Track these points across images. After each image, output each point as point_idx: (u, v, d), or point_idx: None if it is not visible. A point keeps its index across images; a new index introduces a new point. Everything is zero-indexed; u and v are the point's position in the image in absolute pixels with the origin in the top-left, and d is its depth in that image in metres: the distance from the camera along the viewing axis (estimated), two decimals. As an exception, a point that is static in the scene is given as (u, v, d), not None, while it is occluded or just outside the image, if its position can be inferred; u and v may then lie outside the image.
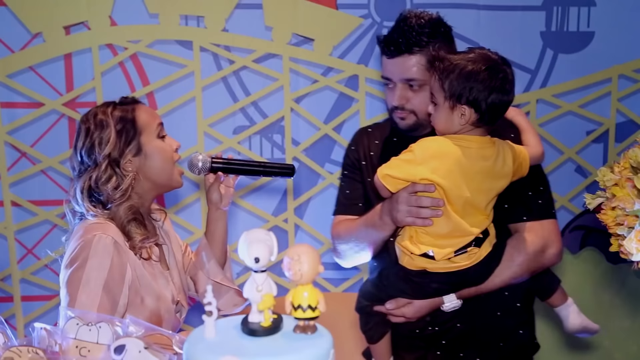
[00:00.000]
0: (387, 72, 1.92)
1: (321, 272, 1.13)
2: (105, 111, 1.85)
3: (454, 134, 1.75)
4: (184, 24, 2.78)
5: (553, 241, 1.92)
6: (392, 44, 1.87)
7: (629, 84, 3.01)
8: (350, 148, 2.12)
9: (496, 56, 1.75)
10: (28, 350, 1.26)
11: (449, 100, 1.72)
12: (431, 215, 1.73)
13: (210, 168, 1.94)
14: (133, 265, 1.79)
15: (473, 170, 1.72)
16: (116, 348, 1.26)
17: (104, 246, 1.74)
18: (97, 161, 1.81)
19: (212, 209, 2.02)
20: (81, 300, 1.69)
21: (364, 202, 2.04)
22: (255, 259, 1.11)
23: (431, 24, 1.89)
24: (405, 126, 1.94)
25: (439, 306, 1.87)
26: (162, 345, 1.30)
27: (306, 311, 1.11)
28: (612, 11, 2.94)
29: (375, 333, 1.92)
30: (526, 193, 1.91)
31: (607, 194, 1.36)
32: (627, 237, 1.31)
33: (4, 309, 2.78)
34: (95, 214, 1.81)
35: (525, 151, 1.83)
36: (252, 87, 2.87)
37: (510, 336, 1.97)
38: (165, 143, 1.90)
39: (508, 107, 1.77)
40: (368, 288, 1.92)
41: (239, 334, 1.13)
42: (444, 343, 1.94)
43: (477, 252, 1.78)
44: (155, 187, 1.91)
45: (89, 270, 1.71)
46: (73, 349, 1.31)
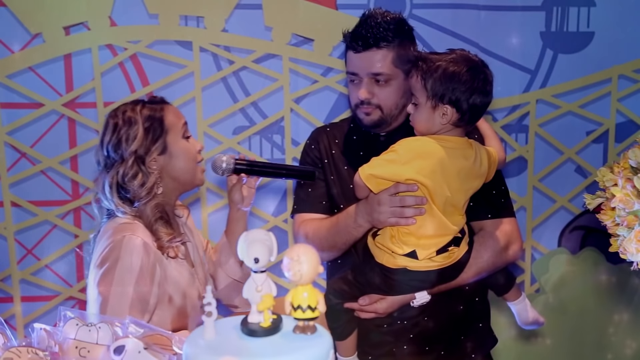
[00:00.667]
0: (353, 67, 1.95)
1: (321, 273, 1.13)
2: (134, 108, 1.88)
3: (434, 134, 1.79)
4: (183, 25, 2.78)
5: (516, 238, 1.99)
6: (360, 39, 1.91)
7: (629, 84, 3.01)
8: (311, 147, 2.13)
9: (476, 58, 1.80)
10: (28, 351, 1.26)
11: (431, 100, 1.76)
12: (414, 214, 1.76)
13: (234, 169, 1.97)
14: (161, 265, 1.82)
15: (455, 170, 1.76)
16: (116, 348, 1.26)
17: (134, 247, 1.76)
18: (124, 157, 1.84)
19: (233, 209, 2.07)
20: (113, 300, 1.72)
21: (327, 200, 2.06)
22: (255, 259, 1.11)
23: (396, 21, 1.94)
24: (369, 122, 1.97)
25: (409, 302, 1.90)
26: (161, 345, 1.30)
27: (306, 311, 1.11)
28: (612, 11, 2.94)
29: (344, 330, 1.94)
30: (490, 192, 1.96)
31: (607, 194, 1.37)
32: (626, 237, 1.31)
33: (3, 309, 2.78)
34: (124, 210, 1.84)
35: (496, 154, 1.88)
36: (252, 88, 2.87)
37: (470, 329, 2.03)
38: (189, 144, 1.94)
39: (486, 108, 1.81)
40: (339, 286, 1.93)
41: (239, 334, 1.13)
42: (411, 337, 1.97)
43: (456, 252, 1.83)
44: (179, 186, 1.95)
45: (120, 271, 1.74)
46: (73, 350, 1.31)
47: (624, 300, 3.02)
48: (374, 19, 1.92)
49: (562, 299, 2.99)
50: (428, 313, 1.94)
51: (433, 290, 1.90)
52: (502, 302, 2.09)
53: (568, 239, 3.09)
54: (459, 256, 1.84)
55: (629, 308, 3.01)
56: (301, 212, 2.09)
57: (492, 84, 1.79)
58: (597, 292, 3.01)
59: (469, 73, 1.73)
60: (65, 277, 2.87)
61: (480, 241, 1.94)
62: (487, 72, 1.78)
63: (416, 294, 1.89)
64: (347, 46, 1.96)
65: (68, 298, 2.85)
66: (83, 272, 2.89)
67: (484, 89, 1.75)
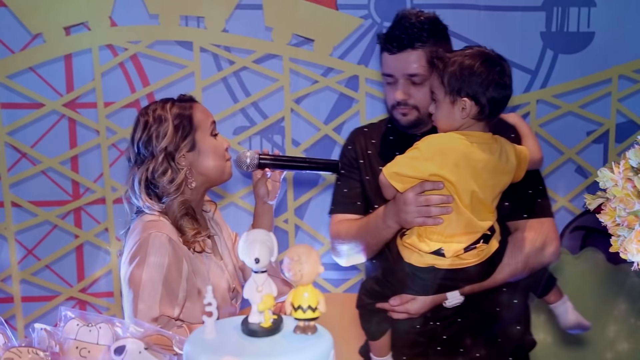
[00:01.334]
0: (388, 69, 1.95)
1: (321, 273, 1.13)
2: (164, 106, 1.92)
3: (456, 130, 1.78)
4: (184, 25, 2.78)
5: (552, 239, 1.95)
6: (395, 40, 1.91)
7: (629, 84, 3.01)
8: (347, 147, 2.13)
9: (492, 52, 1.80)
10: (28, 351, 1.26)
11: (449, 95, 1.76)
12: (441, 212, 1.75)
13: (258, 164, 1.99)
14: (188, 260, 1.85)
15: (480, 165, 1.75)
16: (116, 349, 1.26)
17: (161, 244, 1.80)
18: (154, 153, 1.88)
19: (259, 203, 2.10)
20: (144, 297, 1.76)
21: (362, 201, 2.06)
22: (256, 259, 1.11)
23: (430, 21, 1.94)
24: (406, 122, 1.96)
25: (442, 302, 1.88)
26: (162, 345, 1.30)
27: (306, 312, 1.11)
28: (612, 12, 2.94)
29: (377, 330, 1.93)
30: (526, 192, 1.93)
31: (607, 195, 1.36)
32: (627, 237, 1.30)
33: (4, 309, 2.78)
34: (151, 206, 1.87)
35: (526, 151, 1.86)
36: (252, 88, 2.87)
37: (507, 332, 2.00)
38: (217, 141, 1.96)
39: (507, 101, 1.80)
40: (370, 285, 1.93)
41: (239, 334, 1.13)
42: (445, 338, 1.95)
43: (485, 249, 1.80)
44: (207, 181, 1.97)
45: (148, 268, 1.78)
46: (73, 350, 1.31)
47: (625, 300, 3.02)
48: (408, 19, 1.91)
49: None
50: (462, 314, 1.92)
51: (466, 291, 1.87)
52: (543, 303, 2.05)
53: (568, 239, 3.09)
54: (488, 254, 1.81)
55: (630, 308, 3.01)
56: (337, 212, 2.10)
57: (511, 77, 1.78)
58: (597, 292, 3.01)
59: (483, 65, 1.74)
60: (65, 277, 2.87)
61: (515, 242, 1.90)
62: (504, 65, 1.77)
63: (448, 295, 1.87)
64: (382, 48, 1.96)
65: (68, 298, 2.85)
66: (83, 272, 2.89)
67: (501, 81, 1.75)
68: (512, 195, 1.86)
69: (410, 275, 1.84)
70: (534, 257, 1.91)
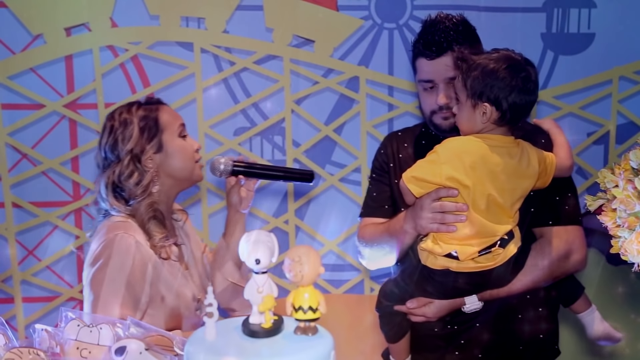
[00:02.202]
0: (428, 75, 1.94)
1: (322, 274, 1.13)
2: (130, 109, 1.92)
3: (477, 133, 1.77)
4: (184, 26, 2.78)
5: (578, 247, 1.92)
6: (434, 45, 1.90)
7: (630, 85, 3.00)
8: (380, 152, 2.14)
9: (519, 57, 1.77)
10: (29, 352, 1.26)
11: (471, 99, 1.74)
12: (455, 220, 1.73)
13: (232, 171, 1.98)
14: (153, 264, 1.84)
15: (498, 168, 1.73)
16: (117, 349, 1.26)
17: (126, 245, 1.79)
18: (120, 156, 1.88)
19: (231, 211, 2.08)
20: (105, 299, 1.74)
21: (390, 205, 2.06)
22: (256, 260, 1.11)
23: (462, 23, 1.94)
24: (448, 126, 1.95)
25: (459, 307, 1.88)
26: (163, 346, 1.31)
27: (307, 312, 1.11)
28: (613, 13, 2.94)
29: (396, 333, 1.94)
30: (553, 198, 1.91)
31: (607, 196, 1.37)
32: (628, 238, 1.31)
33: (4, 310, 2.78)
34: (119, 209, 1.86)
35: (553, 158, 1.83)
36: (253, 89, 2.87)
37: (530, 341, 1.97)
38: (186, 142, 1.96)
39: (531, 107, 1.77)
40: (390, 288, 1.93)
41: (240, 335, 1.13)
42: (463, 343, 1.94)
43: (501, 253, 1.77)
44: (177, 184, 1.96)
45: (112, 269, 1.76)
46: (74, 350, 1.31)
47: (625, 301, 3.02)
48: (442, 23, 1.91)
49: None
50: (480, 319, 1.91)
51: (485, 297, 1.86)
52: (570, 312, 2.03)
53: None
54: (504, 258, 1.78)
55: (630, 309, 3.01)
56: (365, 216, 2.11)
57: (536, 83, 1.74)
58: (597, 294, 3.01)
59: (507, 70, 1.71)
60: (66, 278, 2.87)
61: (539, 248, 1.88)
62: (530, 71, 1.74)
63: (466, 300, 1.85)
64: (418, 54, 1.94)
65: (69, 299, 2.85)
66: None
67: (524, 87, 1.71)
68: (538, 200, 1.84)
69: (427, 278, 1.83)
70: (558, 265, 1.89)
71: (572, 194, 1.96)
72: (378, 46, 2.87)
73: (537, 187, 1.81)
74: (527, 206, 1.82)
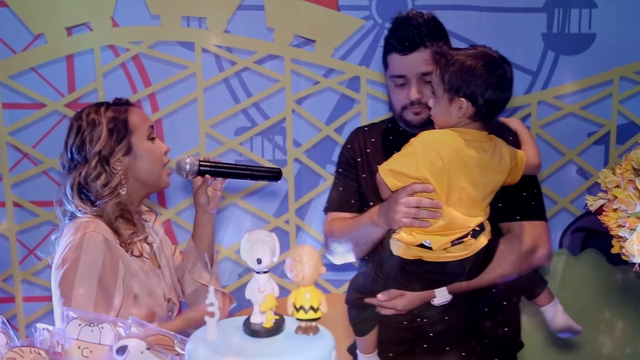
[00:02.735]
0: (400, 70, 1.96)
1: (323, 273, 1.13)
2: (98, 110, 1.89)
3: (452, 127, 1.79)
4: (185, 25, 2.78)
5: (544, 242, 1.96)
6: (407, 40, 1.92)
7: (630, 85, 3.01)
8: (346, 146, 2.15)
9: (496, 54, 1.80)
10: (30, 351, 1.26)
11: (448, 93, 1.77)
12: (429, 216, 1.75)
13: (198, 171, 1.96)
14: (124, 261, 1.81)
15: (472, 162, 1.76)
16: (118, 349, 1.26)
17: (95, 243, 1.76)
18: (87, 158, 1.84)
19: (199, 211, 2.04)
20: (77, 299, 1.70)
21: (357, 200, 2.07)
22: (258, 260, 1.11)
23: (433, 20, 1.97)
24: (419, 121, 1.97)
25: (430, 300, 1.90)
26: (164, 345, 1.31)
27: (308, 312, 1.11)
28: (614, 13, 2.94)
29: (365, 326, 1.94)
30: (520, 194, 1.95)
31: (608, 196, 1.37)
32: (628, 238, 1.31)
33: (5, 309, 2.78)
34: (84, 210, 1.83)
35: (522, 155, 1.87)
36: (254, 89, 2.87)
37: (495, 333, 2.01)
38: (155, 145, 1.93)
39: (505, 104, 1.81)
40: (360, 280, 1.94)
41: (241, 335, 1.13)
42: (432, 335, 1.96)
43: (473, 244, 1.80)
44: (144, 187, 1.93)
45: (82, 269, 1.72)
46: (75, 350, 1.31)
47: (625, 301, 3.02)
48: (414, 19, 1.94)
49: (563, 300, 2.97)
50: (449, 313, 1.93)
51: (454, 290, 1.88)
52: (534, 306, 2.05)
53: (569, 241, 3.09)
54: (475, 249, 1.81)
55: (630, 310, 3.01)
56: (332, 210, 2.11)
57: (511, 80, 1.78)
58: (598, 294, 3.01)
59: (484, 67, 1.74)
60: (66, 277, 2.87)
61: (506, 243, 1.91)
62: (507, 69, 1.77)
63: (436, 292, 1.88)
64: (391, 49, 1.96)
65: (69, 298, 2.85)
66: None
67: (500, 84, 1.75)
68: (506, 197, 1.87)
69: (398, 269, 1.85)
70: (525, 260, 1.92)
71: (537, 191, 2.00)
72: (379, 46, 2.87)
73: (507, 184, 1.84)
74: (495, 201, 1.85)
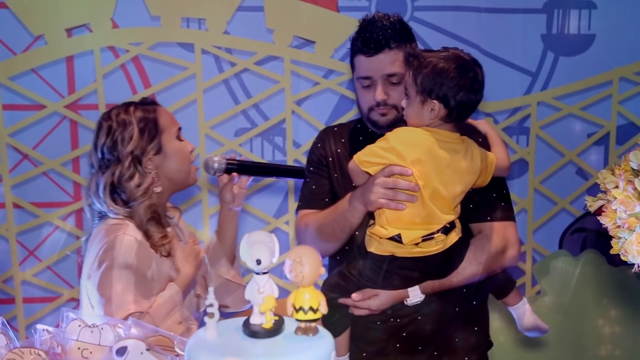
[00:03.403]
0: (365, 71, 1.98)
1: (322, 274, 1.13)
2: (127, 110, 1.92)
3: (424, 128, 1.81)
4: (185, 27, 2.78)
5: (513, 243, 1.99)
6: (372, 42, 1.94)
7: (630, 86, 3.01)
8: (317, 145, 2.15)
9: (468, 57, 1.82)
10: (30, 352, 1.26)
11: (421, 95, 1.79)
12: (406, 199, 1.77)
13: (225, 169, 1.99)
14: (156, 263, 1.85)
15: (444, 162, 1.78)
16: (118, 350, 1.26)
17: (128, 246, 1.79)
18: (120, 158, 1.87)
19: (224, 208, 2.09)
20: (116, 299, 1.74)
21: (330, 198, 2.08)
22: (257, 260, 1.11)
23: (399, 22, 1.98)
24: (385, 122, 1.99)
25: (403, 300, 1.91)
26: (163, 346, 1.31)
27: (307, 313, 1.11)
28: (613, 14, 2.94)
29: (338, 326, 1.94)
30: (491, 195, 1.98)
31: (608, 197, 1.37)
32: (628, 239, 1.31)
33: (5, 310, 2.78)
34: (116, 211, 1.86)
35: (493, 157, 1.89)
36: (254, 90, 2.87)
37: (465, 332, 2.03)
38: (183, 144, 1.97)
39: (476, 106, 1.83)
40: (335, 280, 1.94)
41: (241, 335, 1.13)
42: (404, 335, 1.97)
43: (443, 240, 1.82)
44: (173, 185, 1.97)
45: (118, 269, 1.76)
46: (75, 351, 1.32)
47: (625, 302, 3.02)
48: (380, 21, 1.95)
49: (563, 301, 2.99)
50: (422, 313, 1.95)
51: (427, 290, 1.90)
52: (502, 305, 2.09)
53: (569, 241, 3.09)
54: (446, 245, 1.83)
55: (630, 310, 3.01)
56: (304, 208, 2.11)
57: (482, 83, 1.80)
58: (598, 295, 3.01)
59: (456, 70, 1.76)
60: (67, 278, 2.87)
61: (477, 244, 1.94)
62: (477, 71, 1.79)
63: (409, 292, 1.89)
64: (357, 51, 1.98)
65: (70, 299, 2.85)
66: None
67: (471, 86, 1.77)
68: (475, 198, 1.90)
69: (371, 266, 1.86)
70: (495, 260, 1.95)
71: (506, 191, 2.03)
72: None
73: (477, 185, 1.86)
74: (466, 202, 1.87)
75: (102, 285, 1.76)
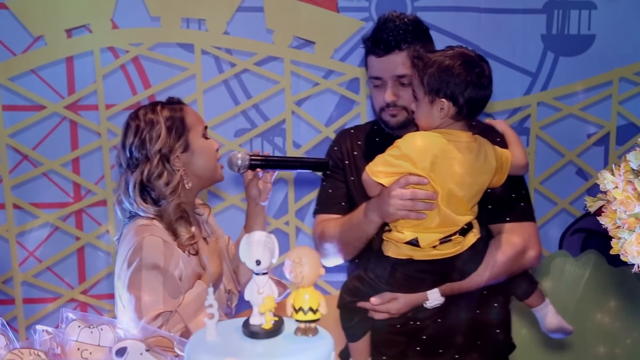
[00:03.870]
0: (376, 72, 1.97)
1: (322, 275, 1.13)
2: (154, 109, 1.93)
3: (435, 128, 1.80)
4: (185, 27, 2.78)
5: (533, 244, 1.96)
6: (382, 43, 1.93)
7: (630, 86, 3.01)
8: (333, 148, 2.15)
9: (473, 53, 1.81)
10: (30, 353, 1.26)
11: (429, 95, 1.78)
12: (425, 208, 1.76)
13: (249, 165, 2.00)
14: (184, 262, 1.86)
15: (457, 163, 1.76)
16: (118, 350, 1.26)
17: (155, 245, 1.81)
18: (149, 156, 1.88)
19: (251, 204, 2.10)
20: (145, 301, 1.76)
21: (346, 201, 2.07)
22: (257, 261, 1.11)
23: (413, 22, 1.97)
24: (395, 123, 1.98)
25: (422, 303, 1.89)
26: (163, 347, 1.31)
27: (307, 314, 1.11)
28: (613, 14, 2.94)
29: (358, 331, 1.93)
30: (509, 195, 1.95)
31: (608, 197, 1.36)
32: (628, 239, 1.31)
33: (5, 311, 2.78)
34: (146, 210, 1.87)
35: (508, 154, 1.87)
36: (254, 90, 2.88)
37: (487, 335, 2.01)
38: (209, 142, 1.98)
39: (486, 101, 1.82)
40: (353, 284, 1.93)
41: (240, 336, 1.13)
42: (424, 338, 1.96)
43: (461, 241, 1.81)
44: (201, 182, 1.98)
45: (146, 270, 1.78)
46: (75, 351, 1.31)
47: (625, 302, 3.02)
48: (392, 22, 1.94)
49: (563, 301, 2.99)
50: (442, 315, 1.93)
51: (446, 292, 1.88)
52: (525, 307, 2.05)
53: (569, 242, 3.09)
54: (464, 247, 1.82)
55: (630, 310, 3.01)
56: (321, 212, 2.11)
57: (490, 78, 1.79)
58: (598, 295, 3.01)
59: (462, 66, 1.75)
60: (67, 279, 2.87)
61: (497, 245, 1.91)
62: (484, 66, 1.78)
63: (429, 295, 1.87)
64: (368, 51, 1.97)
65: (70, 300, 2.85)
66: (84, 274, 2.90)
67: (479, 82, 1.76)
68: (494, 198, 1.88)
69: (390, 270, 1.85)
70: (515, 261, 1.92)
71: (525, 192, 2.01)
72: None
73: (493, 185, 1.85)
74: (485, 203, 1.86)
75: (131, 286, 1.79)
